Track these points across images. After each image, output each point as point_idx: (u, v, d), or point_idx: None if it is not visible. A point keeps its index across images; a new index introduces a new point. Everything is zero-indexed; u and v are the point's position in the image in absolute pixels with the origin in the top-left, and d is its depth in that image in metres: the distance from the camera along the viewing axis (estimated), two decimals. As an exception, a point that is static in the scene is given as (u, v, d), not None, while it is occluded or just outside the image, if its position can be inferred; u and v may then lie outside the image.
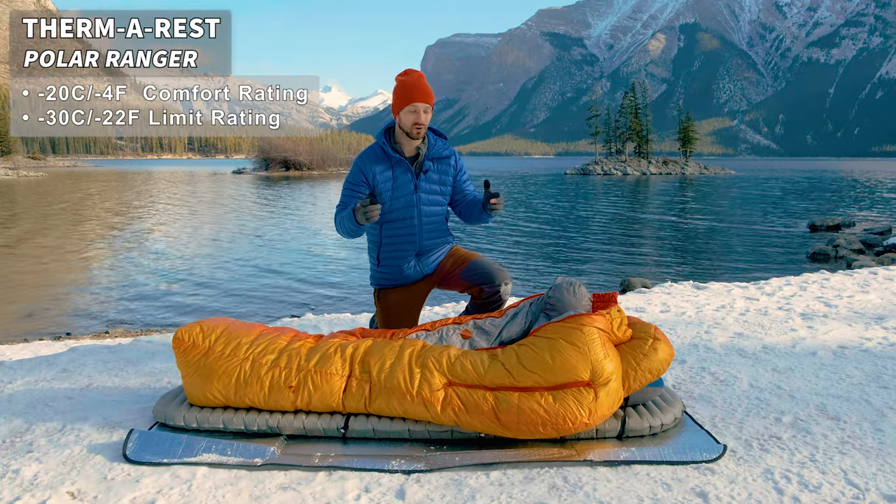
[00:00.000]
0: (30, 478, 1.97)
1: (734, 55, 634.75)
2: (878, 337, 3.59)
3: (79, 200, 30.98)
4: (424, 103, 2.78)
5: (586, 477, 1.98)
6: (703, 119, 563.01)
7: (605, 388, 2.15)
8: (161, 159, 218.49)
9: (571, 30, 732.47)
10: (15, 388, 2.83)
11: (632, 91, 79.55)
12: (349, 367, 2.31)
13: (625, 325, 2.34)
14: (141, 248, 14.95)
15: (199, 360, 2.35)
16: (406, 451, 2.14)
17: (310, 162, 75.73)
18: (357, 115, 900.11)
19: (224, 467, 2.04)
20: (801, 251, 14.31)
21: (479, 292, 2.91)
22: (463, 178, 3.01)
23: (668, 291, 5.30)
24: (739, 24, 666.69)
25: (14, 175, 62.41)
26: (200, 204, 29.25)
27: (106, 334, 6.95)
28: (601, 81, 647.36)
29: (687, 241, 16.40)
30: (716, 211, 26.05)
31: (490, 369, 2.23)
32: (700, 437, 2.21)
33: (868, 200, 31.26)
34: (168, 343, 3.64)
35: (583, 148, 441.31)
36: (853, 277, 5.73)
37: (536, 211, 25.93)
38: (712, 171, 75.87)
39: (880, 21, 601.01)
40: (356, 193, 2.84)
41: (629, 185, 49.93)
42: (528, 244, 15.82)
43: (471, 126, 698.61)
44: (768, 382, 2.82)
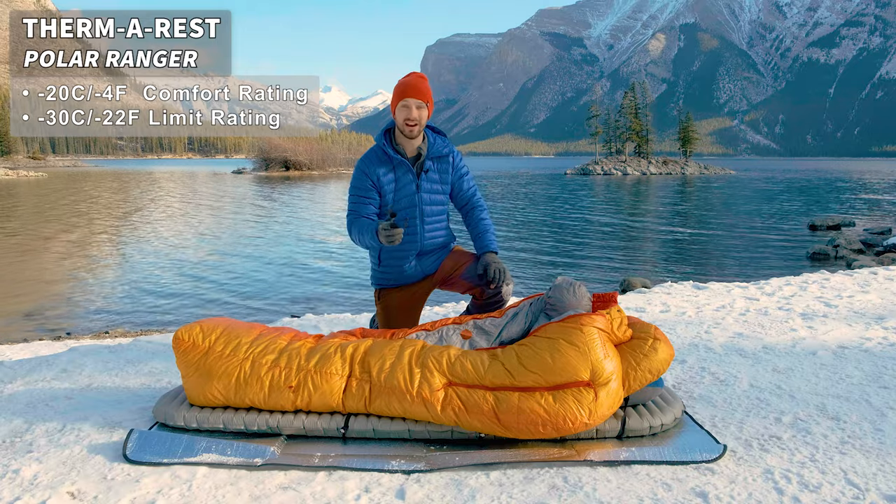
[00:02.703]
0: (30, 478, 1.97)
1: (734, 55, 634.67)
2: (878, 337, 3.59)
3: (79, 200, 30.98)
4: (416, 99, 2.78)
5: (586, 477, 1.98)
6: (703, 119, 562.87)
7: (605, 388, 2.15)
8: (161, 159, 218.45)
9: (571, 30, 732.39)
10: (15, 388, 2.83)
11: (632, 91, 79.54)
12: (349, 367, 2.31)
13: (625, 325, 2.34)
14: (141, 248, 14.95)
15: (199, 360, 2.35)
16: (406, 451, 2.14)
17: (310, 162, 75.70)
18: (357, 115, 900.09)
19: (224, 467, 2.04)
20: (801, 251, 14.30)
21: (481, 293, 2.91)
22: (460, 174, 3.01)
23: (668, 291, 5.30)
24: (739, 24, 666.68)
25: (14, 175, 62.40)
26: (200, 204, 29.25)
27: (106, 334, 6.95)
28: (601, 81, 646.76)
29: (687, 241, 16.40)
30: (716, 211, 26.05)
31: (490, 369, 2.23)
32: (700, 437, 2.21)
33: (868, 200, 31.26)
34: (168, 343, 3.64)
35: (583, 148, 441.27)
36: (853, 277, 5.73)
37: (537, 211, 25.92)
38: (712, 171, 75.87)
39: (880, 21, 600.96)
40: (365, 199, 2.85)
41: (629, 185, 49.93)
42: (527, 244, 15.81)
43: (471, 126, 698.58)
44: (768, 382, 2.82)
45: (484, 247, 2.91)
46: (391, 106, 2.90)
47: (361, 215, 2.84)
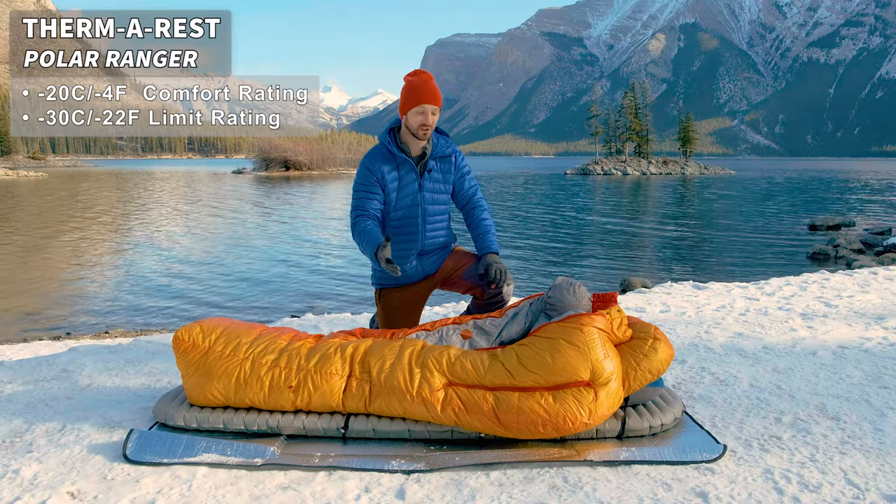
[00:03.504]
0: (30, 478, 1.97)
1: (734, 55, 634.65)
2: (878, 337, 3.59)
3: (79, 200, 30.98)
4: (433, 105, 2.77)
5: (586, 477, 1.98)
6: (703, 119, 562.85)
7: (605, 388, 2.15)
8: (161, 159, 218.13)
9: (571, 30, 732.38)
10: (15, 388, 2.83)
11: (632, 91, 79.51)
12: (349, 367, 2.31)
13: (625, 325, 2.34)
14: (141, 248, 14.95)
15: (199, 360, 2.35)
16: (406, 451, 2.14)
17: (310, 162, 75.64)
18: (357, 115, 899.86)
19: (224, 467, 2.04)
20: (801, 251, 14.30)
21: (482, 293, 2.91)
22: (462, 174, 3.01)
23: (668, 291, 5.30)
24: (739, 24, 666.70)
25: (14, 175, 62.37)
26: (200, 204, 29.25)
27: (106, 334, 6.95)
28: (601, 81, 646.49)
29: (687, 241, 16.40)
30: (716, 211, 26.05)
31: (490, 369, 2.23)
32: (700, 437, 2.21)
33: (868, 200, 31.25)
34: (168, 343, 3.64)
35: (583, 148, 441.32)
36: (853, 277, 5.73)
37: (537, 211, 25.92)
38: (712, 171, 75.85)
39: (880, 21, 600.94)
40: (370, 194, 2.84)
41: (629, 185, 49.93)
42: (528, 244, 15.81)
43: (471, 126, 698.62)
44: (768, 382, 2.82)
45: (485, 247, 2.91)
46: (401, 107, 2.86)
47: (366, 210, 2.83)
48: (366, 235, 2.73)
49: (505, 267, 2.81)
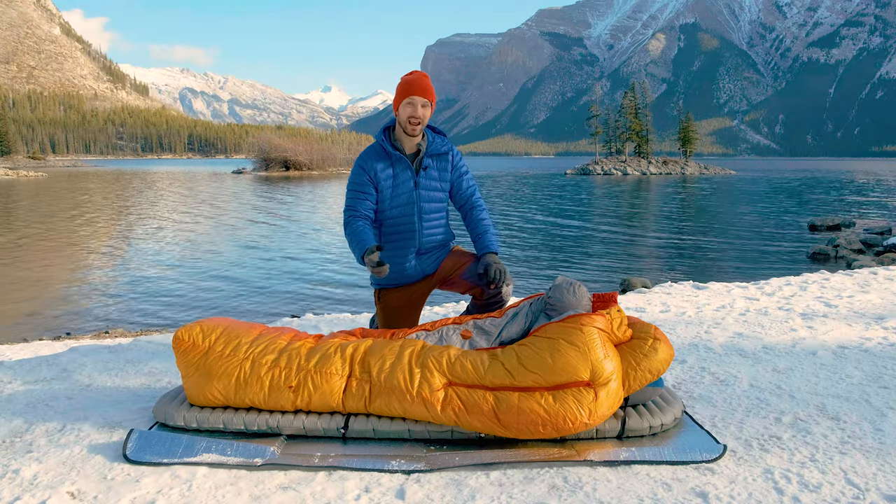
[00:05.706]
0: (30, 478, 1.97)
1: (734, 55, 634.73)
2: (878, 337, 3.59)
3: (79, 200, 30.98)
4: (421, 97, 2.79)
5: (586, 477, 1.98)
6: (703, 119, 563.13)
7: (605, 388, 2.15)
8: (161, 159, 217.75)
9: (571, 30, 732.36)
10: (15, 388, 2.83)
11: (631, 91, 79.51)
12: (349, 368, 2.31)
13: (625, 325, 2.34)
14: (141, 248, 14.95)
15: (199, 360, 2.35)
16: (406, 451, 2.14)
17: (309, 162, 75.57)
18: (357, 115, 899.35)
19: (224, 467, 2.04)
20: (801, 251, 14.30)
21: (481, 293, 2.91)
22: (460, 174, 3.01)
23: (668, 291, 5.30)
24: (739, 24, 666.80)
25: (14, 175, 62.35)
26: (200, 204, 29.24)
27: (106, 334, 6.94)
28: (601, 81, 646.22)
29: (687, 241, 16.39)
30: (716, 211, 26.04)
31: (490, 369, 2.23)
32: (700, 437, 2.21)
33: (868, 200, 31.25)
34: (168, 343, 3.64)
35: (583, 148, 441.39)
36: (853, 277, 5.73)
37: (536, 211, 25.92)
38: (712, 171, 75.84)
39: (880, 21, 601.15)
40: (362, 195, 2.85)
41: (629, 185, 49.92)
42: (528, 244, 15.81)
43: (471, 126, 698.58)
44: (768, 382, 2.82)
45: (484, 247, 2.91)
46: (394, 103, 2.89)
47: (357, 210, 2.83)
48: (356, 237, 2.75)
49: (504, 267, 2.82)
